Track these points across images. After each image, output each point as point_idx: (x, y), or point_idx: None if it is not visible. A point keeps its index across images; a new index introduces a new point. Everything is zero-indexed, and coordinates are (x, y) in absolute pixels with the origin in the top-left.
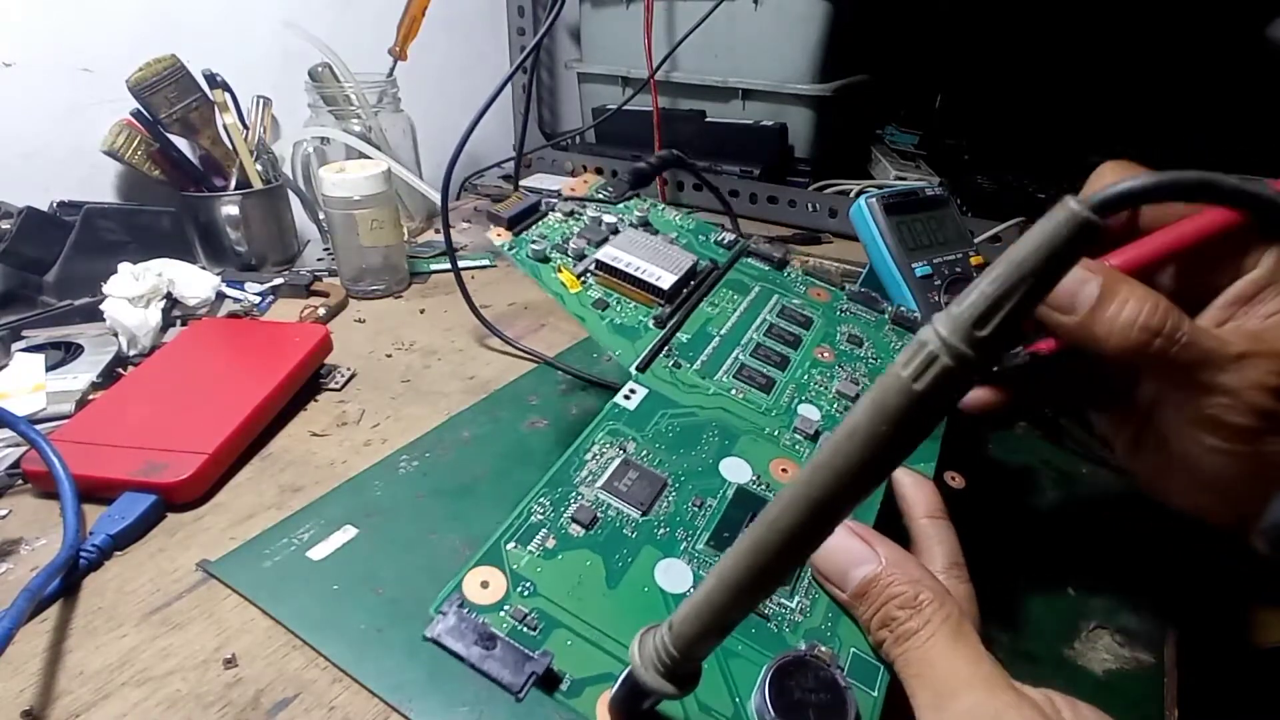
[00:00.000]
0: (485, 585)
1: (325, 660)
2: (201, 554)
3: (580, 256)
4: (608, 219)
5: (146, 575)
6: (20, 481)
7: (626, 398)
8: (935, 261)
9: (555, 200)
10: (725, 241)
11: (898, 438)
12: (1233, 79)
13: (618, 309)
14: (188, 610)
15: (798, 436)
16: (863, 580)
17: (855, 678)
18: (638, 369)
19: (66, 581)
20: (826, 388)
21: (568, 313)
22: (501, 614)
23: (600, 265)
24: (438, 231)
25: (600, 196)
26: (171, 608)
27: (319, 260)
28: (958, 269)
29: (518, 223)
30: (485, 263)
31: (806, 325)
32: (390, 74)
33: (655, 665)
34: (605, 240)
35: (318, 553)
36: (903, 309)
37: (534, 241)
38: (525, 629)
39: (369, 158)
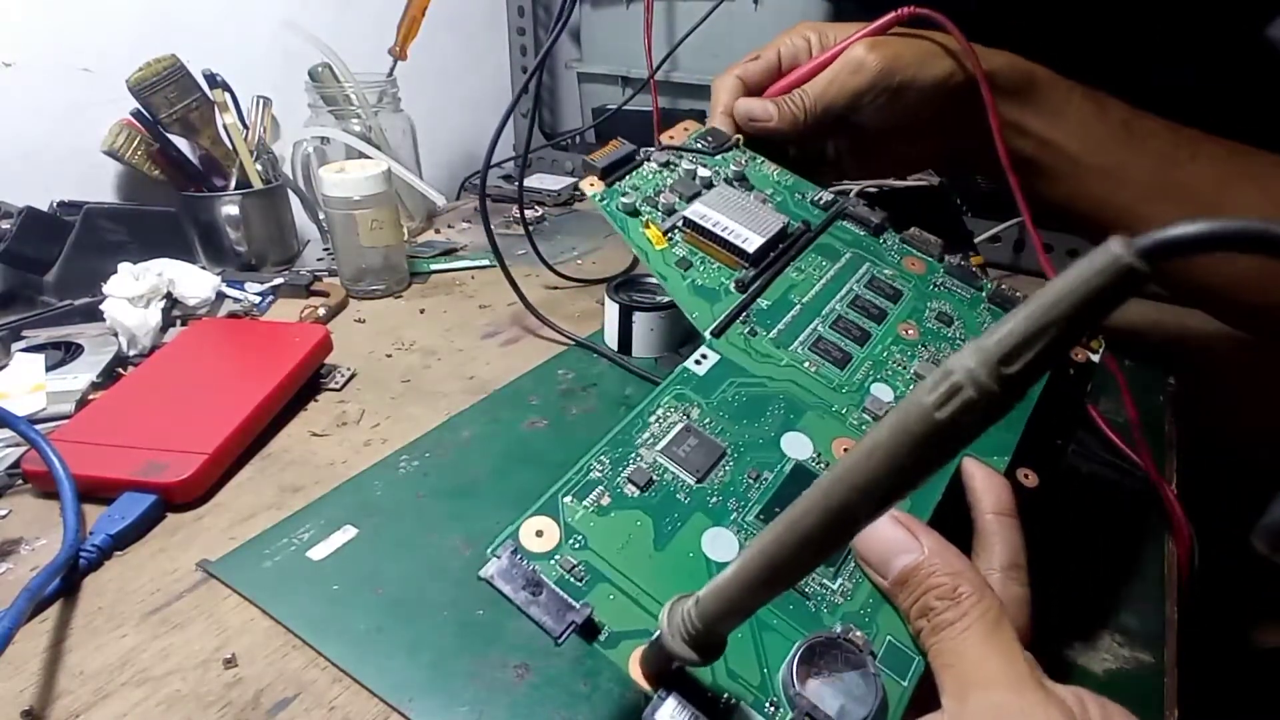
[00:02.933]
0: (540, 534)
1: (325, 660)
2: (201, 554)
3: (670, 211)
4: (702, 172)
5: (146, 575)
6: (20, 481)
7: (697, 363)
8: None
9: (651, 150)
10: (822, 201)
11: (915, 463)
12: (1232, 79)
13: (700, 269)
14: (188, 610)
15: (866, 417)
16: (903, 569)
17: (888, 666)
18: (712, 334)
19: (66, 581)
20: (905, 367)
21: (652, 269)
22: (552, 563)
23: (687, 223)
24: (438, 231)
25: (698, 146)
26: (171, 608)
27: (319, 260)
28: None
29: (611, 172)
30: (485, 263)
31: (894, 299)
32: (390, 74)
33: (681, 634)
34: (697, 195)
35: (318, 553)
36: (1003, 285)
37: (625, 194)
38: (572, 579)
39: (369, 158)
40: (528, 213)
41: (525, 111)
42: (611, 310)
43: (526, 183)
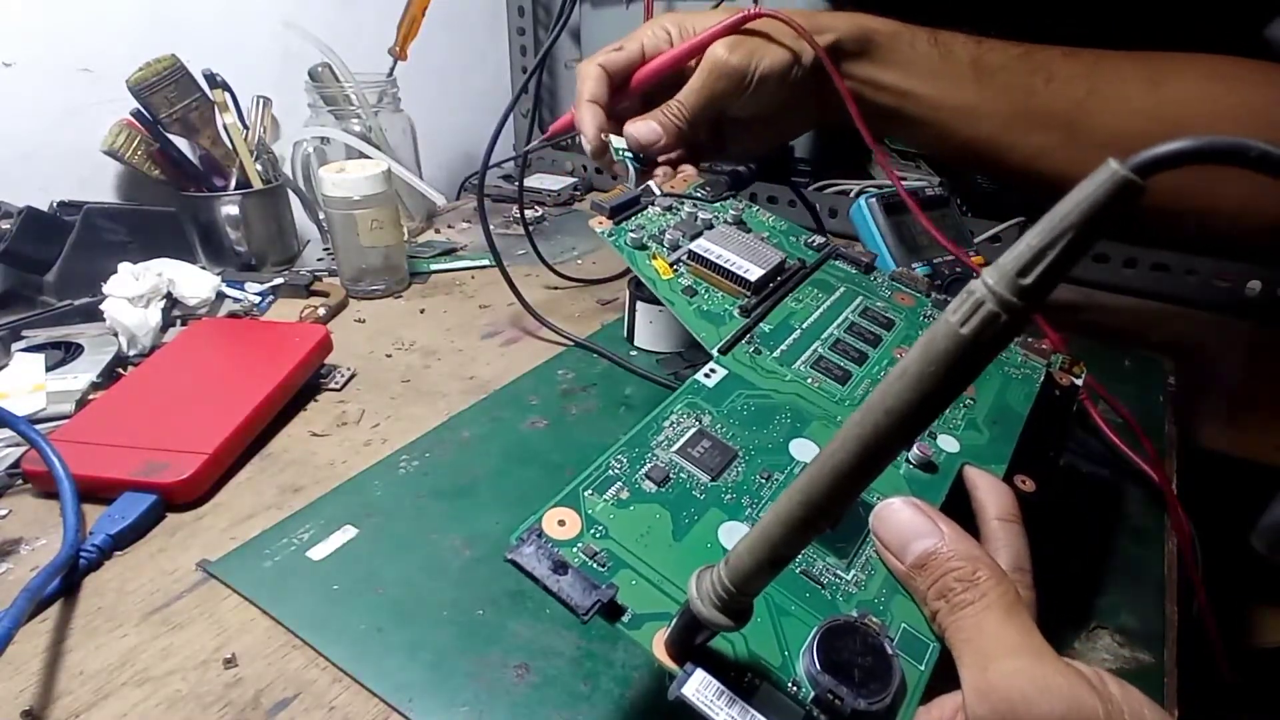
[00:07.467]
0: (562, 524)
1: (325, 660)
2: (201, 554)
3: (674, 247)
4: (703, 215)
5: (146, 575)
6: (20, 481)
7: (707, 376)
8: (935, 261)
9: (656, 195)
10: (815, 244)
11: (944, 379)
12: None
13: (705, 297)
14: (188, 610)
15: None
16: (922, 552)
17: (904, 652)
18: (719, 351)
19: (66, 581)
20: None
21: (660, 296)
22: (575, 549)
23: (692, 255)
24: (438, 231)
25: (698, 195)
26: (171, 608)
27: (319, 260)
28: (958, 269)
29: (619, 213)
30: (485, 263)
31: (888, 327)
32: (390, 74)
33: (711, 600)
34: (700, 234)
35: (318, 553)
36: None
37: (632, 231)
38: (595, 565)
39: (369, 158)
40: (528, 213)
41: (525, 111)
42: (627, 301)
43: (526, 183)
